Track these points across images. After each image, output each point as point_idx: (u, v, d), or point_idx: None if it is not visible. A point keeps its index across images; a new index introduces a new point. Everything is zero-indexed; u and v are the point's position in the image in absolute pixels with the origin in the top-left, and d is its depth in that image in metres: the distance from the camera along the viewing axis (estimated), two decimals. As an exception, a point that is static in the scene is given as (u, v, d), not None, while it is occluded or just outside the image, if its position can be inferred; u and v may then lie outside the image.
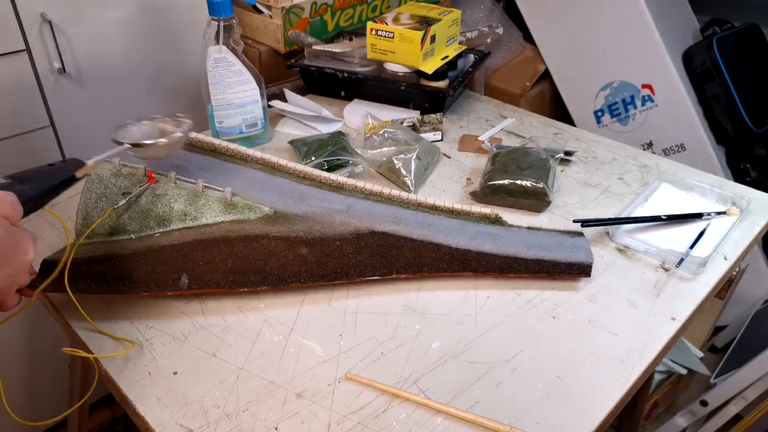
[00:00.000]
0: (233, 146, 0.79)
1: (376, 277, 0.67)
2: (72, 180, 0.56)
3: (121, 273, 0.62)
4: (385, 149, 0.87)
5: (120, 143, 0.64)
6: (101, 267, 0.63)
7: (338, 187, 0.77)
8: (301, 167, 0.78)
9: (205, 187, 0.70)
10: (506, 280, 0.69)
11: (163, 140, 0.66)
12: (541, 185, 0.79)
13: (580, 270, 0.68)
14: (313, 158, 0.85)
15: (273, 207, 0.71)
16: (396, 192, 0.76)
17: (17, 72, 0.95)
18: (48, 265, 0.60)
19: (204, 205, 0.69)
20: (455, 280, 0.69)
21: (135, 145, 0.65)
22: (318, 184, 0.77)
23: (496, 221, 0.75)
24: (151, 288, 0.62)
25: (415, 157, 0.85)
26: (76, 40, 0.99)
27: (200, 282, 0.63)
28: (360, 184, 0.77)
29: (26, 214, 0.50)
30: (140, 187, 0.67)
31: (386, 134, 0.89)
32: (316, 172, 0.78)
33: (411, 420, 0.53)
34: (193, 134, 0.79)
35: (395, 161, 0.84)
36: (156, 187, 0.68)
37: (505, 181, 0.79)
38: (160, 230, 0.67)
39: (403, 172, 0.84)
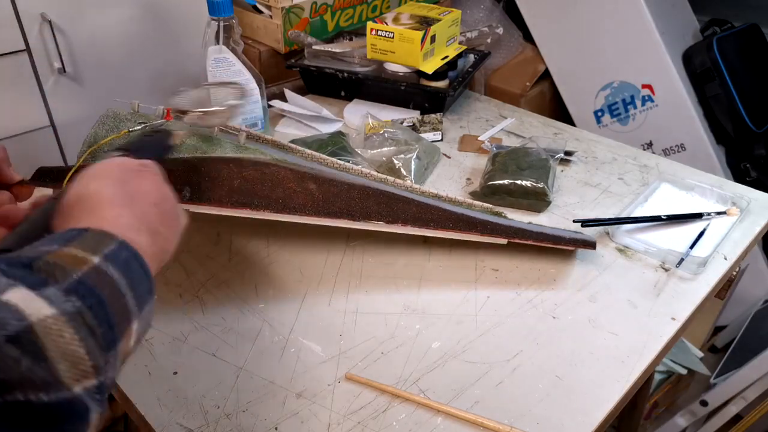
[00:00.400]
0: (245, 129, 0.78)
1: (381, 224, 0.66)
2: (171, 148, 0.56)
3: None
4: (385, 149, 0.87)
5: (184, 112, 0.63)
6: None
7: (346, 170, 0.77)
8: (309, 151, 0.78)
9: (221, 129, 0.68)
10: (506, 281, 0.69)
11: (222, 108, 0.64)
12: (541, 185, 0.79)
13: (585, 244, 0.69)
14: None
15: (286, 157, 0.70)
16: (399, 181, 0.76)
17: (17, 72, 0.95)
18: (43, 172, 0.58)
19: (217, 144, 0.68)
20: (455, 280, 0.69)
21: (197, 113, 0.63)
22: (327, 165, 0.77)
23: (498, 214, 0.75)
24: None
25: (415, 157, 0.85)
26: (76, 40, 0.99)
27: (202, 196, 0.61)
28: (366, 170, 0.77)
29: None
30: (157, 120, 0.66)
31: (386, 134, 0.89)
32: (325, 156, 0.78)
33: (411, 420, 0.53)
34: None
35: (395, 161, 0.84)
36: (171, 124, 0.67)
37: (505, 181, 0.79)
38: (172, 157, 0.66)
39: (403, 171, 0.84)
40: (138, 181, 0.41)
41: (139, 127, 0.64)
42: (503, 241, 0.69)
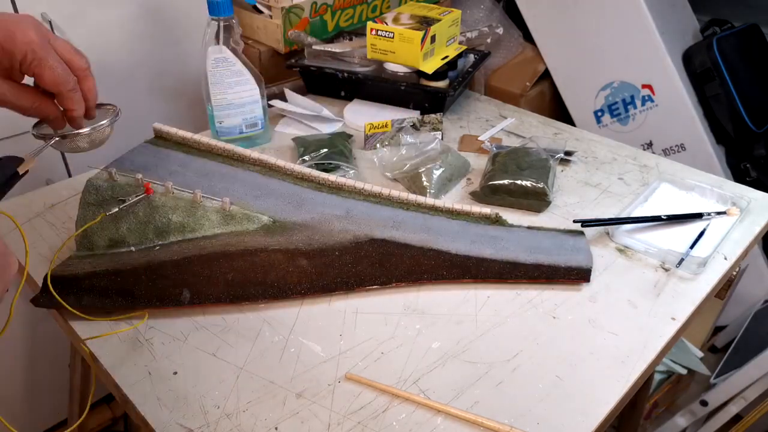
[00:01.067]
0: (230, 147, 0.79)
1: (375, 287, 0.67)
2: (16, 176, 0.56)
3: (124, 288, 0.63)
4: (404, 153, 0.86)
5: (42, 136, 0.64)
6: (103, 282, 0.63)
7: (337, 188, 0.77)
8: (299, 168, 0.78)
9: (203, 197, 0.70)
10: (507, 282, 0.69)
11: (86, 130, 0.64)
12: (541, 185, 0.79)
13: (579, 275, 0.68)
14: (306, 158, 0.86)
15: (272, 216, 0.71)
16: (395, 193, 0.76)
17: (17, 72, 0.95)
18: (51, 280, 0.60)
19: (202, 216, 0.69)
20: (456, 283, 0.69)
21: (60, 137, 0.64)
22: (317, 186, 0.77)
23: (497, 221, 0.75)
24: (153, 303, 0.62)
25: (437, 166, 0.83)
26: (76, 40, 0.99)
27: (201, 296, 0.63)
28: (359, 185, 0.77)
29: None
30: (136, 196, 0.67)
31: (411, 140, 0.88)
32: (315, 173, 0.77)
33: (411, 420, 0.53)
34: (189, 134, 0.79)
35: (420, 171, 0.83)
36: (153, 197, 0.68)
37: (505, 181, 0.79)
38: (160, 242, 0.68)
39: (425, 181, 0.82)
40: None
41: (116, 208, 0.66)
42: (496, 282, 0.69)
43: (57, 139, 0.64)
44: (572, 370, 0.58)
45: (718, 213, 0.78)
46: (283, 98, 1.05)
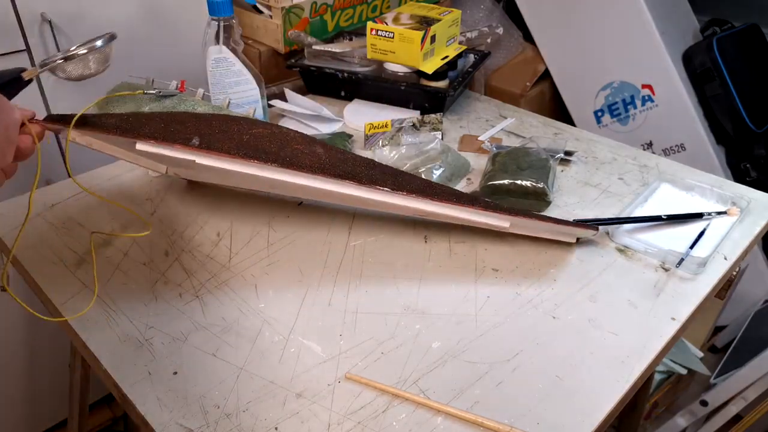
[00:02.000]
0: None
1: (386, 190, 0.65)
2: (20, 81, 0.59)
3: (133, 125, 0.60)
4: (404, 151, 0.86)
5: (48, 63, 0.67)
6: (113, 119, 0.60)
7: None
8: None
9: (230, 102, 0.69)
10: (506, 281, 0.69)
11: (82, 50, 0.68)
12: (541, 185, 0.79)
13: (588, 225, 0.70)
14: None
15: None
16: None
17: (17, 72, 0.95)
18: (54, 118, 0.58)
19: (227, 114, 0.69)
20: (455, 280, 0.69)
21: (65, 59, 0.68)
22: None
23: None
24: (158, 139, 0.59)
25: (437, 166, 0.84)
26: (76, 40, 0.99)
27: (211, 146, 0.60)
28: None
29: None
30: (171, 91, 0.70)
31: (411, 139, 0.88)
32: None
33: (411, 420, 0.53)
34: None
35: (422, 175, 0.83)
36: (184, 96, 0.68)
37: (505, 181, 0.79)
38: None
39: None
40: None
41: (154, 91, 0.68)
42: (506, 223, 0.69)
43: (60, 61, 0.67)
44: (572, 370, 0.58)
45: (718, 213, 0.78)
46: (283, 98, 1.05)
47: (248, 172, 0.62)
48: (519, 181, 0.79)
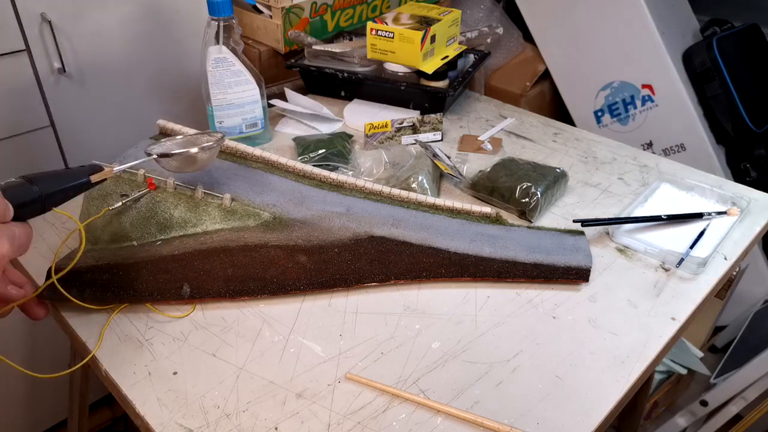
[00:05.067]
0: (232, 144, 0.79)
1: (374, 284, 0.67)
2: (87, 184, 0.56)
3: (125, 282, 0.63)
4: (389, 166, 0.86)
5: (149, 155, 0.64)
6: (105, 276, 0.63)
7: (338, 186, 0.77)
8: (300, 165, 0.78)
9: (204, 193, 0.70)
10: (506, 281, 0.69)
11: (193, 150, 0.65)
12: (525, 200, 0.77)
13: (578, 275, 0.68)
14: (303, 159, 0.86)
15: (272, 212, 0.71)
16: (396, 191, 0.76)
17: (17, 72, 0.95)
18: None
19: (203, 212, 0.69)
20: (454, 281, 0.69)
21: (162, 156, 0.64)
22: (318, 183, 0.77)
23: (497, 221, 0.75)
24: (154, 296, 0.63)
25: (425, 173, 0.82)
26: (76, 40, 0.99)
27: (201, 291, 0.64)
28: (360, 182, 0.77)
29: (34, 214, 0.51)
30: (139, 191, 0.68)
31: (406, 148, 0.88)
32: (316, 170, 0.78)
33: (411, 420, 0.53)
34: (192, 131, 0.79)
35: (411, 181, 0.82)
36: (155, 193, 0.68)
37: (501, 183, 0.79)
38: (161, 237, 0.68)
39: (418, 190, 0.81)
40: None
41: (120, 203, 0.67)
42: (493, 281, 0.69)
43: (155, 156, 0.64)
44: (572, 370, 0.58)
45: (718, 213, 0.78)
46: (283, 98, 1.05)
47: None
48: (510, 183, 0.78)
